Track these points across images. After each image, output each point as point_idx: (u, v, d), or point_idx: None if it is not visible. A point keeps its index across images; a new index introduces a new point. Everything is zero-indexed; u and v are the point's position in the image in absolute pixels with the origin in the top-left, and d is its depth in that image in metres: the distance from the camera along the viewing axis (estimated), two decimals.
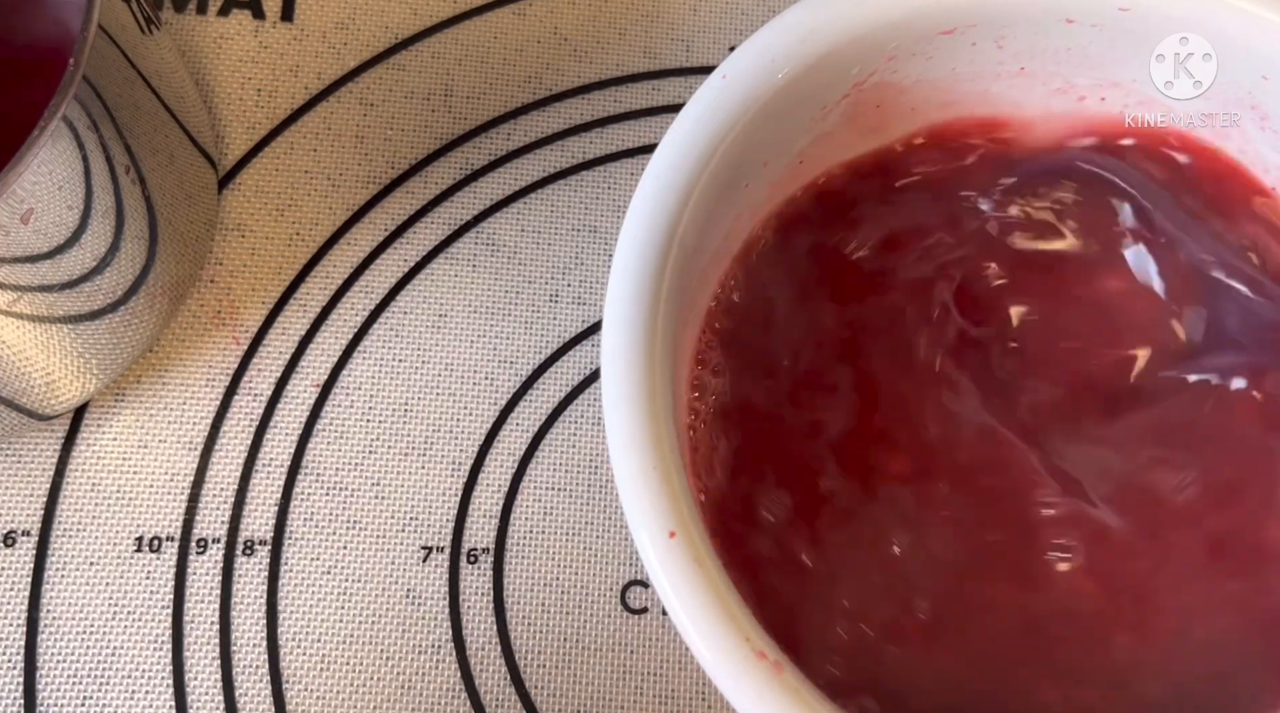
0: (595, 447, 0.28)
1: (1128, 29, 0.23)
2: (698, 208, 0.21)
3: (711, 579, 0.19)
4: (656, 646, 0.26)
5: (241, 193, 0.29)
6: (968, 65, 0.24)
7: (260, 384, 0.28)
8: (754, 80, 0.21)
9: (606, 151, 0.30)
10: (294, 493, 0.27)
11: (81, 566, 0.26)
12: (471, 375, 0.28)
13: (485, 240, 0.29)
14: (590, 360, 0.28)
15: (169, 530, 0.26)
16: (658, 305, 0.20)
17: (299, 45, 0.30)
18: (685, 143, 0.21)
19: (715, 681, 0.18)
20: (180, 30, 0.30)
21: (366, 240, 0.29)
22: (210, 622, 0.26)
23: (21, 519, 0.26)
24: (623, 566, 0.27)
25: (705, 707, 0.26)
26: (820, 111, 0.23)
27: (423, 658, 0.26)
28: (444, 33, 0.30)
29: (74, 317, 0.24)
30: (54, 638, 0.26)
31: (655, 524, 0.19)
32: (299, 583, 0.26)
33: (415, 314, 0.28)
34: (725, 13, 0.31)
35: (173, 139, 0.25)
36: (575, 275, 0.29)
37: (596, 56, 0.30)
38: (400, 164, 0.29)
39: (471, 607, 0.26)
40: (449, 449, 0.27)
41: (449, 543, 0.27)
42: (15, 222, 0.20)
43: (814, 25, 0.21)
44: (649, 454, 0.19)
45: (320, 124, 0.29)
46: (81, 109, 0.20)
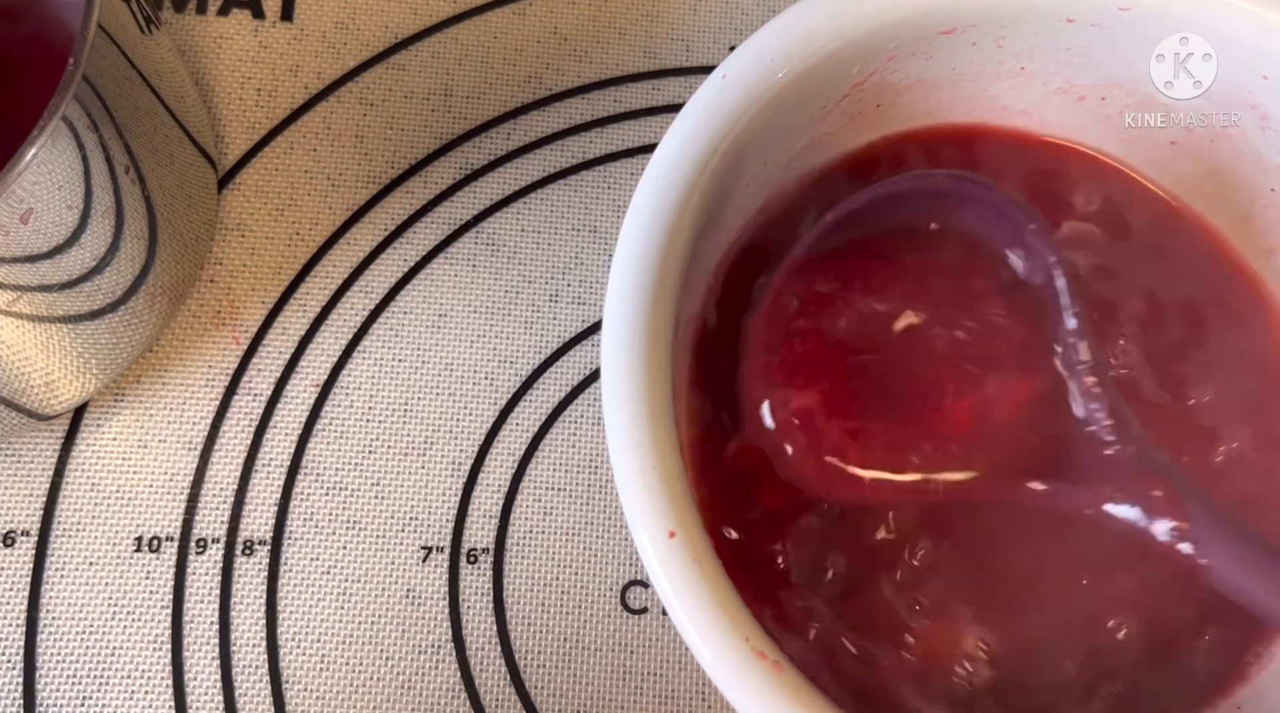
0: (595, 447, 0.28)
1: (1128, 29, 0.23)
2: (698, 208, 0.21)
3: (711, 579, 0.19)
4: (656, 646, 0.26)
5: (241, 193, 0.29)
6: (968, 65, 0.24)
7: (260, 384, 0.28)
8: (754, 80, 0.21)
9: (606, 151, 0.30)
10: (294, 493, 0.27)
11: (81, 566, 0.26)
12: (471, 375, 0.28)
13: (485, 240, 0.29)
14: (590, 360, 0.28)
15: (169, 530, 0.26)
16: (658, 305, 0.20)
17: (299, 45, 0.30)
18: (685, 143, 0.21)
19: (715, 681, 0.18)
20: (180, 30, 0.30)
21: (366, 240, 0.29)
22: (210, 622, 0.26)
23: (21, 519, 0.26)
24: (623, 566, 0.27)
25: (705, 707, 0.26)
26: (820, 111, 0.23)
27: (423, 658, 0.26)
28: (444, 33, 0.30)
29: (74, 317, 0.24)
30: (54, 638, 0.26)
31: (655, 524, 0.19)
32: (299, 583, 0.26)
33: (415, 314, 0.28)
34: (725, 13, 0.31)
35: (172, 139, 0.25)
36: (575, 275, 0.29)
37: (596, 56, 0.30)
38: (400, 164, 0.29)
39: (471, 607, 0.26)
40: (449, 449, 0.27)
41: (449, 543, 0.27)
42: (15, 222, 0.20)
43: (814, 25, 0.21)
44: (649, 454, 0.19)
45: (320, 124, 0.29)
46: (81, 109, 0.20)
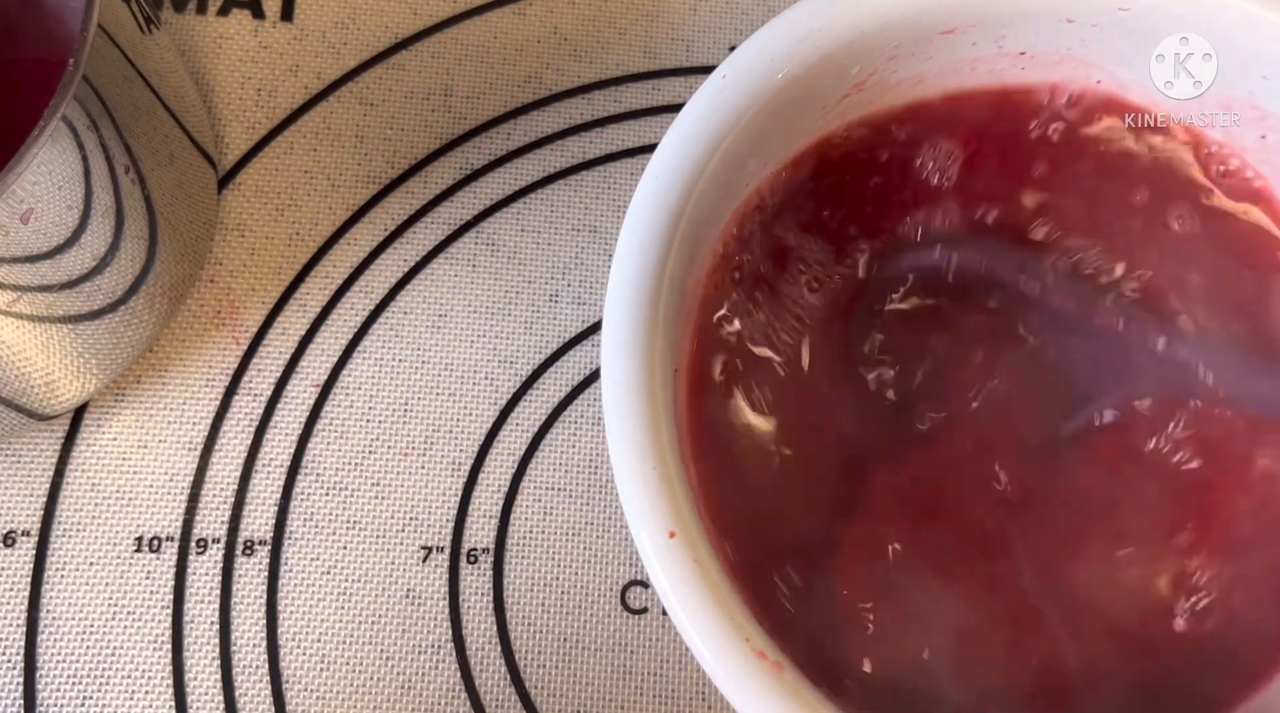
0: (595, 447, 0.28)
1: (1128, 29, 0.23)
2: (697, 208, 0.21)
3: (711, 579, 0.19)
4: (656, 646, 0.26)
5: (241, 193, 0.29)
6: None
7: (260, 384, 0.28)
8: (754, 80, 0.21)
9: (606, 151, 0.30)
10: (294, 493, 0.27)
11: (81, 566, 0.26)
12: (471, 375, 0.28)
13: (485, 240, 0.29)
14: (590, 360, 0.28)
15: (169, 530, 0.26)
16: (658, 305, 0.20)
17: (299, 45, 0.30)
18: (685, 143, 0.21)
19: (715, 681, 0.18)
20: (180, 30, 0.30)
21: (366, 240, 0.29)
22: (210, 622, 0.26)
23: (21, 519, 0.26)
24: (623, 566, 0.27)
25: (705, 707, 0.26)
26: (820, 111, 0.23)
27: (423, 658, 0.26)
28: (444, 32, 0.30)
29: (74, 317, 0.24)
30: (54, 638, 0.26)
31: (655, 524, 0.19)
32: (299, 583, 0.26)
33: (415, 314, 0.28)
34: (725, 13, 0.31)
35: (172, 139, 0.25)
36: (575, 275, 0.29)
37: (596, 56, 0.30)
38: (400, 164, 0.29)
39: (471, 607, 0.26)
40: (449, 449, 0.27)
41: (449, 543, 0.27)
42: (15, 222, 0.20)
43: (814, 25, 0.21)
44: (649, 454, 0.19)
45: (320, 124, 0.29)
46: (81, 109, 0.20)
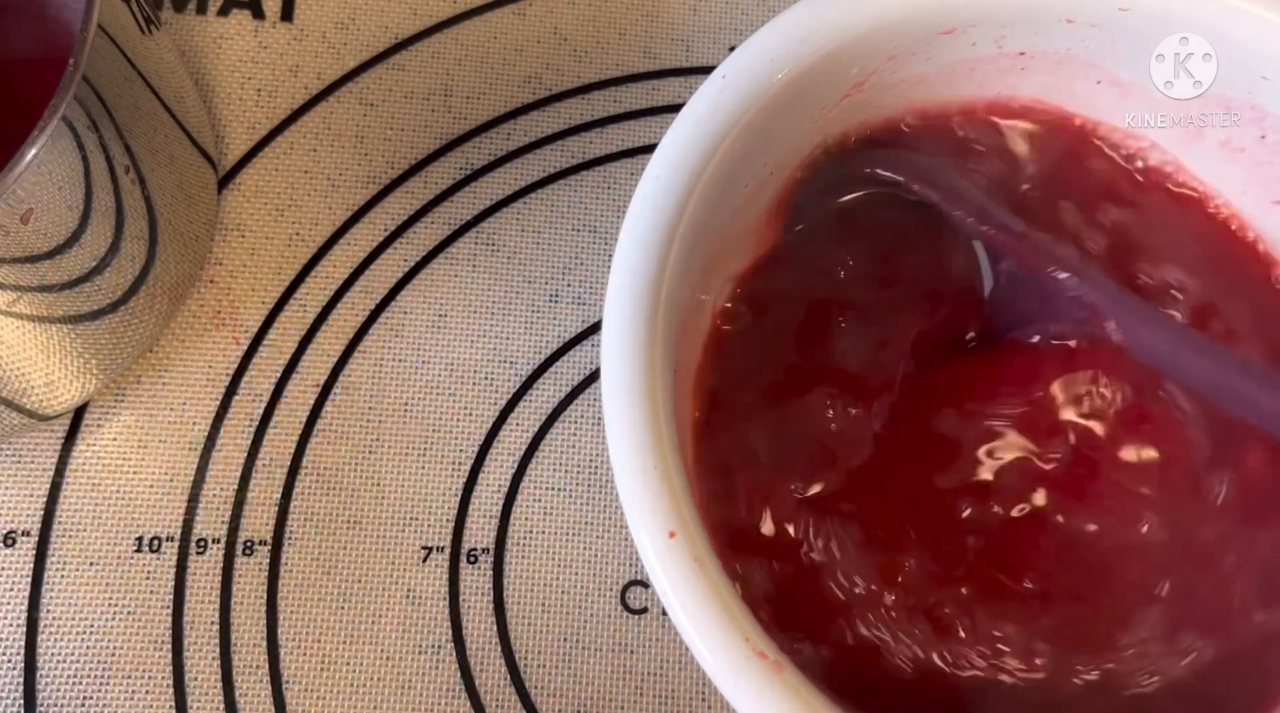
0: (595, 447, 0.28)
1: (1128, 29, 0.23)
2: (698, 208, 0.21)
3: (711, 579, 0.19)
4: (656, 646, 0.26)
5: (241, 193, 0.29)
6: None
7: (260, 384, 0.28)
8: (754, 80, 0.21)
9: (606, 152, 0.30)
10: (294, 493, 0.27)
11: (81, 566, 0.26)
12: (471, 375, 0.28)
13: (485, 240, 0.29)
14: (590, 360, 0.28)
15: (169, 531, 0.26)
16: (658, 305, 0.20)
17: (299, 45, 0.30)
18: (685, 143, 0.21)
19: (715, 681, 0.18)
20: (180, 30, 0.30)
21: (366, 240, 0.29)
22: (210, 622, 0.26)
23: (21, 519, 0.26)
24: (623, 566, 0.27)
25: (705, 707, 0.26)
26: (820, 112, 0.23)
27: (423, 658, 0.26)
28: (444, 33, 0.30)
29: (74, 317, 0.24)
30: (54, 638, 0.26)
31: (655, 524, 0.19)
32: (299, 583, 0.26)
33: (415, 314, 0.28)
34: (725, 13, 0.31)
35: (172, 139, 0.25)
36: (575, 275, 0.29)
37: (596, 56, 0.30)
38: (400, 164, 0.29)
39: (471, 607, 0.26)
40: (449, 449, 0.27)
41: (449, 543, 0.27)
42: (15, 222, 0.20)
43: (814, 26, 0.21)
44: (649, 454, 0.19)
45: (320, 124, 0.29)
46: (81, 109, 0.20)
